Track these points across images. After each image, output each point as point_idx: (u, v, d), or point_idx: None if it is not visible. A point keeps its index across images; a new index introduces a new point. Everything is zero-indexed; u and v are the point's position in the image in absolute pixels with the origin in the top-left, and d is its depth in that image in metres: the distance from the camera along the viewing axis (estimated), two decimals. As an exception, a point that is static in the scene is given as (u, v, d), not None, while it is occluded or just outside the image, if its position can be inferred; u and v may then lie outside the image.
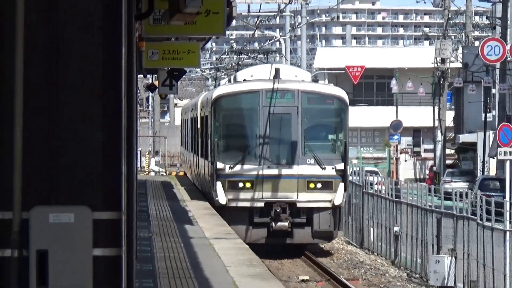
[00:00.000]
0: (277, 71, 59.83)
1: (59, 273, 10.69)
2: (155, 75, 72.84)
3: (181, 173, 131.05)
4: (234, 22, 71.89)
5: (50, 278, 10.67)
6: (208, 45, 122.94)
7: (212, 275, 40.86)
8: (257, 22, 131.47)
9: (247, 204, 59.62)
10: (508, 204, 61.59)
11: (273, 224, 59.37)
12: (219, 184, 57.78)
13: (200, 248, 49.08)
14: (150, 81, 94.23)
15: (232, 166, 58.04)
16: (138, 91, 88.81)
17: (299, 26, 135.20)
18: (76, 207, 10.80)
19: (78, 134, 11.02)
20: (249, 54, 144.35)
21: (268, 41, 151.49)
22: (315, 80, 72.33)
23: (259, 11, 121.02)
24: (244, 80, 67.82)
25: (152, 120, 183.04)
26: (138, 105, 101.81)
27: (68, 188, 10.98)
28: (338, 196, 57.76)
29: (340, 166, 57.28)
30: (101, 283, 10.87)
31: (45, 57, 11.11)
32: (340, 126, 62.04)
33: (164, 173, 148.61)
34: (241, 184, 58.54)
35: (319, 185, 59.62)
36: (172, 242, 51.46)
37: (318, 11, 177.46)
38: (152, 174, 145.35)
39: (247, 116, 61.84)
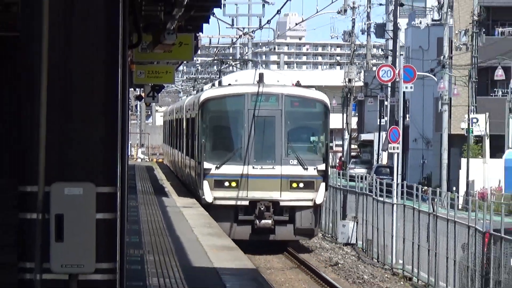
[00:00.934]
0: (261, 75, 51.39)
1: (71, 231, 10.73)
2: (142, 89, 72.53)
3: (160, 160, 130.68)
4: (199, 51, 68.26)
5: (65, 234, 10.71)
6: (180, 67, 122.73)
7: (181, 233, 41.67)
8: (216, 51, 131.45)
9: (232, 202, 49.81)
10: (395, 184, 62.00)
11: (257, 222, 49.85)
12: (205, 183, 48.47)
13: (173, 214, 50.39)
14: (138, 93, 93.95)
15: (218, 166, 48.25)
16: (130, 100, 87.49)
17: (246, 54, 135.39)
18: (84, 183, 10.88)
19: (86, 131, 11.08)
20: (230, 62, 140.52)
21: (223, 64, 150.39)
22: (298, 84, 57.73)
23: (218, 43, 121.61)
24: (229, 84, 57.77)
25: (139, 121, 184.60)
26: (130, 110, 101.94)
27: (79, 170, 11.04)
28: (319, 196, 48.75)
29: (322, 166, 47.84)
30: (101, 238, 10.86)
31: (62, 78, 11.09)
32: (321, 129, 51.49)
33: (148, 160, 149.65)
34: (226, 183, 48.79)
35: (301, 185, 49.61)
36: (153, 209, 52.62)
37: (260, 44, 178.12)
38: (139, 160, 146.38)
39: (233, 118, 51.41)
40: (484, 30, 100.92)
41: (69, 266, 10.91)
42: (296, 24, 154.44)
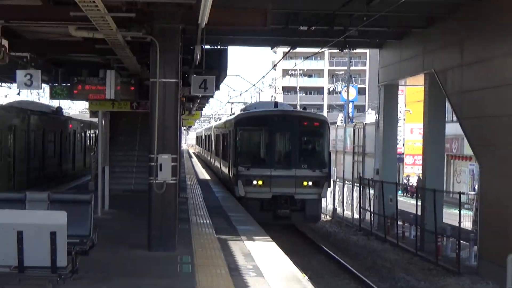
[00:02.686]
0: (276, 103, 32.73)
1: (164, 168, 9.91)
2: (185, 127, 63.34)
3: (192, 150, 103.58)
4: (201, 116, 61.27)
5: (162, 168, 9.89)
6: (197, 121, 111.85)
7: (197, 169, 40.92)
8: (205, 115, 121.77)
9: (259, 196, 30.50)
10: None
11: (279, 211, 30.49)
12: (239, 182, 30.10)
13: (195, 164, 47.04)
14: (184, 128, 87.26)
15: (248, 168, 29.77)
16: (181, 129, 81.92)
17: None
18: (168, 154, 9.95)
19: (170, 137, 10.21)
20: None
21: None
22: (304, 109, 36.27)
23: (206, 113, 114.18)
24: (255, 108, 34.89)
25: (183, 135, 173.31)
26: (181, 133, 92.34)
27: (168, 149, 10.13)
28: (324, 191, 30.38)
29: (325, 170, 29.01)
30: (173, 170, 9.94)
31: (162, 123, 10.24)
32: (325, 142, 30.82)
33: (187, 148, 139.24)
34: (255, 182, 30.22)
35: (310, 183, 30.46)
36: (188, 162, 48.52)
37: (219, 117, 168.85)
38: (183, 148, 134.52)
39: (259, 133, 31.82)
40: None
41: (162, 178, 10.04)
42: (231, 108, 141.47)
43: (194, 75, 12.82)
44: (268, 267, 9.29)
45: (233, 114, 29.50)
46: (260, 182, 25.67)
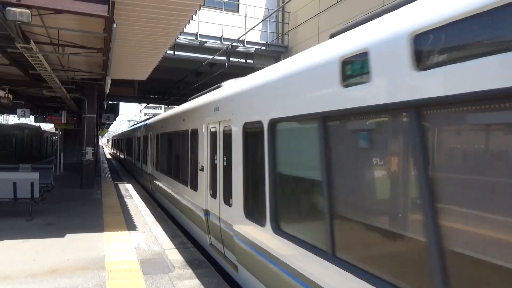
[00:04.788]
0: None
1: (89, 153, 9.25)
2: (100, 136, 34.67)
3: (105, 146, 59.74)
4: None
5: (88, 153, 9.17)
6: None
7: (108, 157, 31.85)
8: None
9: None
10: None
11: None
12: None
13: (106, 153, 35.86)
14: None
15: None
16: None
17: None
18: (91, 147, 9.07)
19: (91, 139, 9.27)
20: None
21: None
22: None
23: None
24: None
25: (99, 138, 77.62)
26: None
27: (90, 145, 9.46)
28: None
29: None
30: (93, 155, 9.19)
31: (88, 133, 9.34)
32: None
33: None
34: None
35: None
36: (102, 152, 36.82)
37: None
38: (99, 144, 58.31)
39: None
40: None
41: (88, 157, 9.28)
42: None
43: (104, 113, 15.14)
44: (136, 195, 10.42)
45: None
46: None
